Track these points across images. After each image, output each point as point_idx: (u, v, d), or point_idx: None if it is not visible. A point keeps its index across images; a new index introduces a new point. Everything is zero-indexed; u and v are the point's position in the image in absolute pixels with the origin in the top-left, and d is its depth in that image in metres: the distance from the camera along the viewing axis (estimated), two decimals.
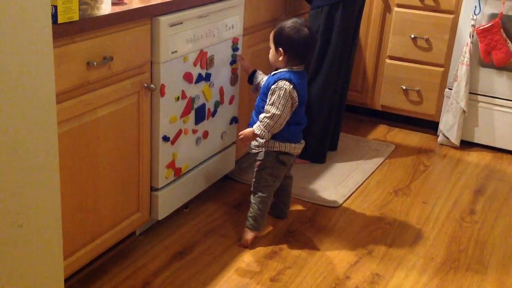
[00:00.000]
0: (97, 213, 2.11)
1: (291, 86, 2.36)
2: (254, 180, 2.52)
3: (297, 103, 2.39)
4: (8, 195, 1.44)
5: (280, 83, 2.36)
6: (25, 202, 1.49)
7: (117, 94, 2.07)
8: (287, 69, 2.41)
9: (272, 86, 2.38)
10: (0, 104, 1.37)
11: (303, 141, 2.56)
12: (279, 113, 2.35)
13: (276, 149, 2.46)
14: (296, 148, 2.50)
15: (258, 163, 2.51)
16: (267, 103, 2.39)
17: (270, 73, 2.46)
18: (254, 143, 2.50)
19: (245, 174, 3.04)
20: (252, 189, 2.52)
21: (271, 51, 2.45)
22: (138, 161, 2.26)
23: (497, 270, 2.41)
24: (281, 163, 2.49)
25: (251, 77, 2.65)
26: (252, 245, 2.46)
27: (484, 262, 2.46)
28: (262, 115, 2.39)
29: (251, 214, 2.49)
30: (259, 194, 2.48)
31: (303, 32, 2.39)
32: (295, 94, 2.37)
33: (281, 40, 2.40)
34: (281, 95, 2.35)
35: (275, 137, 2.44)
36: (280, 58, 2.41)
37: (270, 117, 2.36)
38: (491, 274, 2.38)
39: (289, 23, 2.40)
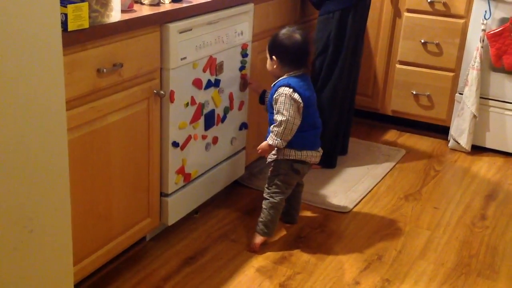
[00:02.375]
0: (107, 219, 2.13)
1: (291, 90, 2.38)
2: (266, 185, 2.53)
3: (301, 104, 2.39)
4: (19, 200, 1.46)
5: (279, 90, 2.40)
6: (36, 207, 1.51)
7: (127, 100, 2.09)
8: (285, 76, 2.44)
9: (274, 96, 2.41)
10: (11, 111, 1.39)
11: (320, 149, 2.55)
12: (285, 118, 2.36)
13: (292, 157, 2.46)
14: (313, 156, 2.50)
15: (271, 169, 2.52)
16: (274, 113, 2.41)
17: (272, 85, 2.49)
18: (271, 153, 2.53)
19: (255, 179, 3.04)
20: (264, 194, 2.53)
21: (268, 61, 2.50)
22: (148, 166, 2.27)
23: (508, 275, 2.39)
24: (295, 172, 2.50)
25: (262, 97, 2.69)
26: (262, 250, 2.47)
27: (495, 267, 2.45)
28: (272, 126, 2.42)
29: (262, 220, 2.49)
30: (271, 200, 2.49)
31: (294, 38, 2.42)
32: (296, 96, 2.38)
33: (274, 48, 2.46)
34: (283, 101, 2.37)
35: (290, 145, 2.44)
36: (275, 66, 2.46)
37: (278, 125, 2.38)
38: (502, 279, 2.37)
39: (282, 31, 2.46)
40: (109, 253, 2.18)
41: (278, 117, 2.38)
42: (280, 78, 2.45)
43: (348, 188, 3.03)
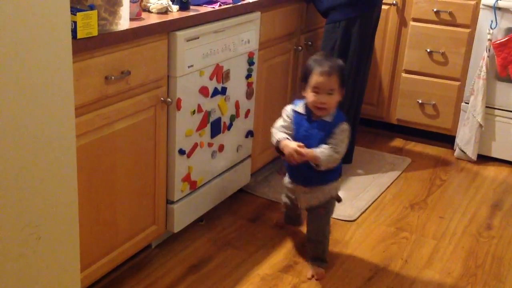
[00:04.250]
0: (113, 226, 2.13)
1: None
2: (318, 227, 2.43)
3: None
4: (27, 207, 1.47)
5: (343, 126, 2.28)
6: (44, 214, 1.51)
7: (134, 107, 2.10)
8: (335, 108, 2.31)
9: (336, 131, 2.27)
10: (21, 117, 1.40)
11: None
12: (341, 155, 2.29)
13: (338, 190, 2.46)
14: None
15: (326, 210, 2.42)
16: (331, 142, 2.26)
17: (330, 120, 2.28)
18: (325, 196, 2.39)
19: (261, 187, 3.04)
20: (317, 237, 2.43)
21: (333, 96, 2.27)
22: (154, 174, 2.28)
23: None
24: (337, 200, 2.48)
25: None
26: (267, 258, 2.46)
27: (502, 278, 2.44)
28: (330, 148, 2.25)
29: (319, 254, 2.43)
30: (326, 234, 2.45)
31: None
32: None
33: (345, 80, 2.35)
34: (344, 139, 2.29)
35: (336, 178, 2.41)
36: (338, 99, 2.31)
37: (336, 153, 2.26)
38: (510, 279, 2.36)
39: (337, 60, 2.33)
40: (115, 260, 2.18)
41: (339, 149, 2.25)
42: (334, 112, 2.29)
43: (354, 196, 3.02)
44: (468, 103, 3.46)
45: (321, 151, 2.23)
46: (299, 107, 2.32)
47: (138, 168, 2.19)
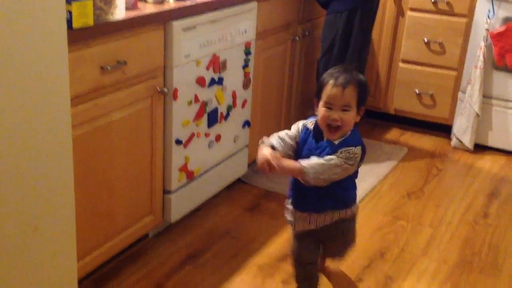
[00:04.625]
0: (110, 216, 2.14)
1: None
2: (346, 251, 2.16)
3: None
4: (24, 197, 1.47)
5: (355, 150, 1.89)
6: (40, 204, 1.52)
7: (131, 98, 2.10)
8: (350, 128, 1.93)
9: (343, 151, 1.87)
10: (17, 107, 1.40)
11: None
12: (339, 163, 1.88)
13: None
14: None
15: (351, 230, 2.12)
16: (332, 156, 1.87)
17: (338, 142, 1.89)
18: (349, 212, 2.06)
19: (258, 177, 3.05)
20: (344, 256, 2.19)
21: (346, 114, 1.88)
22: (151, 164, 2.28)
23: (511, 273, 2.40)
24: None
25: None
26: (264, 248, 2.48)
27: (498, 265, 2.45)
28: (325, 157, 1.87)
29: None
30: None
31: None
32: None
33: (365, 96, 1.95)
34: (352, 162, 1.90)
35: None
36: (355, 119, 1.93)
37: (331, 162, 1.86)
38: (504, 277, 2.37)
39: (357, 73, 1.92)
40: (112, 249, 2.19)
41: (337, 161, 1.85)
42: (349, 133, 1.92)
43: None
44: (465, 93, 3.46)
45: (308, 162, 1.84)
46: (310, 123, 1.96)
47: (135, 158, 2.19)
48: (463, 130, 3.49)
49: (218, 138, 2.62)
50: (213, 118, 2.55)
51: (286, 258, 2.42)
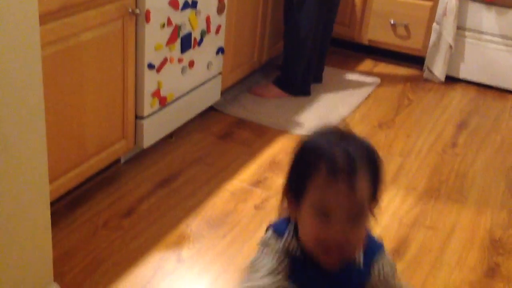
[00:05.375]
0: (81, 138, 2.11)
1: None
2: None
3: None
4: None
5: (389, 257, 1.18)
6: (9, 123, 1.48)
7: (101, 18, 2.03)
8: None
9: (385, 266, 1.15)
10: None
11: None
12: None
13: None
14: None
15: None
16: None
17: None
18: None
19: (230, 106, 3.03)
20: None
21: (360, 227, 1.05)
22: (123, 88, 2.24)
23: (476, 200, 2.47)
24: None
25: None
26: (236, 174, 2.49)
27: (464, 192, 2.52)
28: None
29: None
30: None
31: None
32: None
33: (382, 182, 1.10)
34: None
35: None
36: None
37: None
38: (470, 204, 2.44)
39: (361, 140, 1.10)
40: (84, 173, 2.17)
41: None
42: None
43: (323, 115, 3.04)
44: (439, 24, 3.45)
45: None
46: (290, 242, 1.11)
47: (107, 81, 2.15)
48: (435, 61, 3.50)
49: (191, 64, 2.58)
50: (186, 43, 2.50)
51: (258, 184, 2.45)
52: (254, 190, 2.40)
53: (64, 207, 2.19)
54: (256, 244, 1.15)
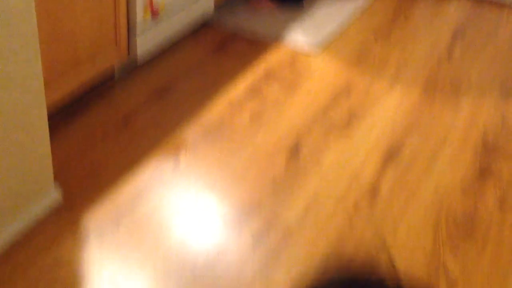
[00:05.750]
0: (74, 42, 2.08)
1: None
2: None
3: None
4: None
5: None
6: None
7: None
8: None
9: None
10: None
11: None
12: None
13: None
14: None
15: None
16: None
17: None
18: None
19: (223, 19, 2.99)
20: None
21: None
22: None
23: (470, 105, 2.48)
24: None
25: None
26: (232, 86, 2.49)
27: (459, 98, 2.53)
28: None
29: None
30: None
31: None
32: None
33: None
34: None
35: None
36: None
37: None
38: (464, 109, 2.46)
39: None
40: (77, 77, 2.14)
41: None
42: None
43: (318, 26, 3.01)
44: None
45: None
46: None
47: None
48: None
49: None
50: None
51: (254, 94, 2.45)
52: (249, 103, 2.41)
53: (61, 119, 2.19)
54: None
